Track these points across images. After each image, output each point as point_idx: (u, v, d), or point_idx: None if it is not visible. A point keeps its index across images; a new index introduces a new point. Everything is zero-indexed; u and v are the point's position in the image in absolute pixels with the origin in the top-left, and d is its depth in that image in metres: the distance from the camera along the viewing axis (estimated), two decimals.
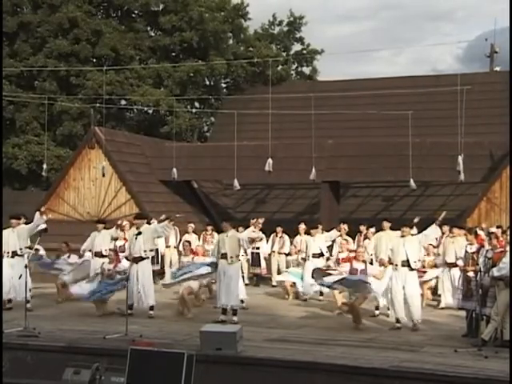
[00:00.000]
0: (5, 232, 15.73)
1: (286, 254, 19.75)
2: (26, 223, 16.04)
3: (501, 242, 12.57)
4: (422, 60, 71.76)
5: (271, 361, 10.53)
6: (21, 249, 15.58)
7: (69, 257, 17.27)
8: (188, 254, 15.50)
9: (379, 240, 16.12)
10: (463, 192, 23.40)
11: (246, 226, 20.16)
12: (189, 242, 16.53)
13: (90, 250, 17.26)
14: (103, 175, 22.63)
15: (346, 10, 71.68)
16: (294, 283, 17.45)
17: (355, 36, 68.07)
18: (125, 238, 17.90)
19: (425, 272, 16.15)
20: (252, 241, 14.71)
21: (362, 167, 22.10)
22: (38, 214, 15.78)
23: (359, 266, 13.77)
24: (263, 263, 20.41)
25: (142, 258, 14.64)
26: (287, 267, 18.08)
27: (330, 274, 14.14)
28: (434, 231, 13.43)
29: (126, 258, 16.15)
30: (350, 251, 16.36)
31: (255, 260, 20.29)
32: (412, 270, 13.26)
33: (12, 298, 15.18)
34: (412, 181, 20.72)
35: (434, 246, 16.70)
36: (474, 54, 42.97)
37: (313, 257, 17.46)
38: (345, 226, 18.43)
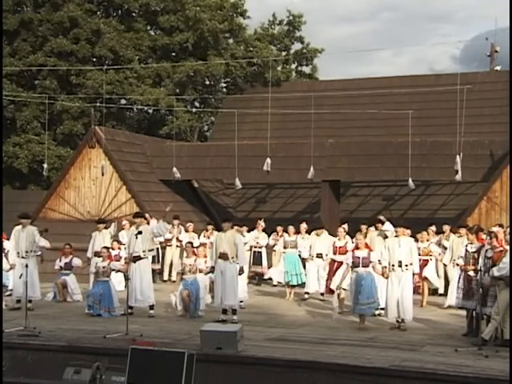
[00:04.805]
0: (15, 231, 15.73)
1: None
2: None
3: (500, 241, 12.55)
4: (422, 61, 71.83)
5: (272, 360, 10.51)
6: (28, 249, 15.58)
7: (71, 259, 17.27)
8: (190, 256, 15.45)
9: (372, 240, 16.21)
10: (463, 191, 23.40)
11: (252, 229, 20.32)
12: (191, 243, 16.48)
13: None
14: (102, 174, 22.63)
15: (346, 12, 71.78)
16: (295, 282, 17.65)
17: (355, 37, 68.15)
18: (119, 247, 17.91)
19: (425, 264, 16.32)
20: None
21: (363, 166, 22.07)
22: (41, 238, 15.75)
23: (361, 253, 13.65)
24: (264, 262, 20.43)
25: (140, 258, 14.65)
26: (285, 247, 18.16)
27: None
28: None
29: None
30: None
31: (256, 259, 20.30)
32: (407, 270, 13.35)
33: (21, 299, 15.11)
34: (410, 180, 20.70)
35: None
36: (471, 55, 43.07)
37: (316, 257, 17.48)
38: (345, 227, 18.44)
